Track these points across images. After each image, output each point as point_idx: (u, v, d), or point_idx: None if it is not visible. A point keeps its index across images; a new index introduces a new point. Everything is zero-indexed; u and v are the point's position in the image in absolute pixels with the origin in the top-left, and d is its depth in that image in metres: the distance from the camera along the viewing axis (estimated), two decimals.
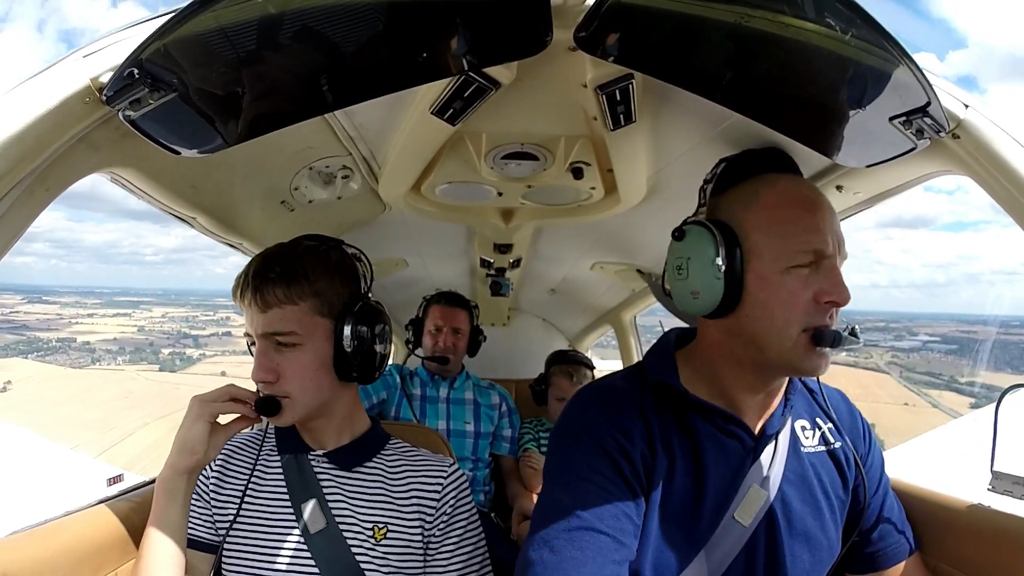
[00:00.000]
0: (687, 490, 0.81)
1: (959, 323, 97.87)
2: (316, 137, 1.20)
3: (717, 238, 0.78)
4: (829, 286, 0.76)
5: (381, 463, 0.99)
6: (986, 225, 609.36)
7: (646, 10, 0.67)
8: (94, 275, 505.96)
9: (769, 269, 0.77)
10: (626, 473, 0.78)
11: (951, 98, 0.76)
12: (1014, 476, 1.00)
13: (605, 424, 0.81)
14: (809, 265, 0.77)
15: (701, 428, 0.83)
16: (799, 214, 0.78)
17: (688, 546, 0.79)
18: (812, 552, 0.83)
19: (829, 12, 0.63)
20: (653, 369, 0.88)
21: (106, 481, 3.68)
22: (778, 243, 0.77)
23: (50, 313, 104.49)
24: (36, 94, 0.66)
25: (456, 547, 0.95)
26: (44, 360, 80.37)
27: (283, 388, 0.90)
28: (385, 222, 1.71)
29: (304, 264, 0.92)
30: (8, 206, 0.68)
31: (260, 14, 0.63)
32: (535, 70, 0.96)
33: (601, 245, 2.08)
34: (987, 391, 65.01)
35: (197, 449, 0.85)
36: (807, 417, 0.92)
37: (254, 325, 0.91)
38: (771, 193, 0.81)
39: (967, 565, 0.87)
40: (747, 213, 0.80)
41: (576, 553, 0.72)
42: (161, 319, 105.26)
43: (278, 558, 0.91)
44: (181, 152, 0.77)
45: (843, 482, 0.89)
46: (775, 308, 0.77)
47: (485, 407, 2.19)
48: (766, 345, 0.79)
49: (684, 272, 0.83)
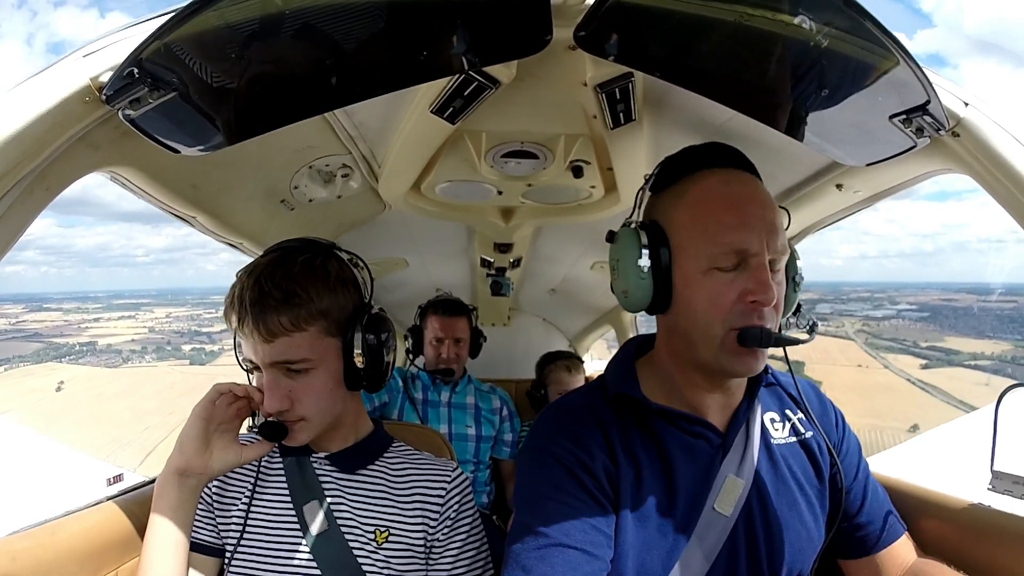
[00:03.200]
0: (658, 494, 0.81)
1: (943, 291, 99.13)
2: (316, 136, 1.20)
3: (641, 240, 0.79)
4: (754, 285, 0.75)
5: (384, 466, 0.99)
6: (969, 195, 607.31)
7: (646, 9, 0.67)
8: (85, 279, 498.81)
9: (693, 269, 0.77)
10: (589, 486, 0.78)
11: (951, 96, 0.76)
12: (1014, 476, 1.00)
13: (563, 440, 0.81)
14: (735, 266, 0.76)
15: (666, 433, 0.84)
16: (721, 212, 0.77)
17: (671, 546, 0.80)
18: (791, 542, 0.84)
19: (828, 11, 0.63)
20: (612, 381, 0.88)
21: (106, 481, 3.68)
22: (700, 243, 0.77)
23: (56, 320, 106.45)
24: (36, 94, 0.66)
25: (460, 550, 0.95)
26: (78, 363, 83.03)
27: (297, 413, 0.87)
28: (385, 221, 1.71)
29: (305, 285, 0.87)
30: (8, 206, 0.68)
31: (260, 13, 0.63)
32: (535, 69, 0.96)
33: (601, 244, 2.07)
34: (943, 354, 66.73)
35: (186, 448, 0.83)
36: (776, 409, 0.92)
37: (259, 355, 0.86)
38: (696, 190, 0.79)
39: (967, 565, 0.87)
40: (675, 212, 0.80)
41: (547, 570, 0.73)
42: (166, 319, 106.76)
43: (280, 561, 0.90)
44: (181, 151, 0.77)
45: (816, 471, 0.89)
46: (699, 308, 0.77)
47: (486, 411, 2.19)
48: (695, 345, 0.80)
49: (616, 272, 0.84)
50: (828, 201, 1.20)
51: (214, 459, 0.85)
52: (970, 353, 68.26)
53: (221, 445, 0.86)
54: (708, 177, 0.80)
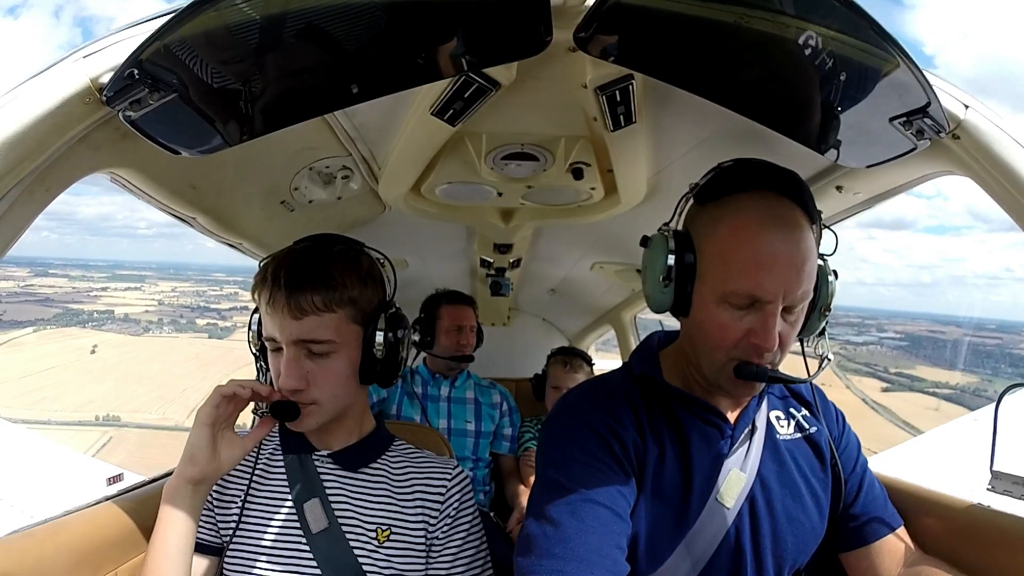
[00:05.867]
0: (676, 476, 0.84)
1: (933, 323, 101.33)
2: (316, 137, 1.20)
3: (668, 250, 0.82)
4: (759, 329, 0.78)
5: (385, 465, 0.99)
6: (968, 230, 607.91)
7: (646, 11, 0.67)
8: (84, 247, 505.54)
9: (709, 296, 0.80)
10: (617, 453, 0.81)
11: (951, 99, 0.76)
12: (1014, 476, 1.00)
13: (596, 410, 0.85)
14: (747, 307, 0.78)
15: (684, 417, 0.88)
16: (747, 257, 0.77)
17: (675, 530, 0.83)
18: (795, 533, 0.87)
19: (828, 12, 0.63)
20: (637, 364, 0.94)
21: (106, 481, 3.68)
22: (720, 277, 0.79)
23: (65, 287, 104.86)
24: (36, 94, 0.66)
25: (459, 549, 0.95)
26: (101, 330, 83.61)
27: (311, 395, 0.88)
28: (385, 222, 1.71)
29: (340, 271, 0.90)
30: (8, 206, 0.68)
31: (260, 14, 0.63)
32: (535, 71, 0.96)
33: (601, 245, 2.08)
34: (908, 380, 67.84)
35: (199, 458, 0.83)
36: (781, 407, 0.96)
37: (285, 331, 0.87)
38: (730, 223, 0.79)
39: (967, 565, 0.87)
40: (706, 236, 0.81)
41: (578, 524, 0.74)
42: (173, 293, 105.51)
43: (280, 559, 0.90)
44: (181, 152, 0.77)
45: (821, 464, 0.93)
46: (707, 331, 0.81)
47: (486, 406, 2.20)
48: (700, 360, 0.85)
49: (644, 275, 0.90)
50: (828, 203, 1.20)
51: (223, 460, 0.86)
52: (934, 381, 69.31)
53: (226, 443, 0.86)
54: (747, 207, 0.78)
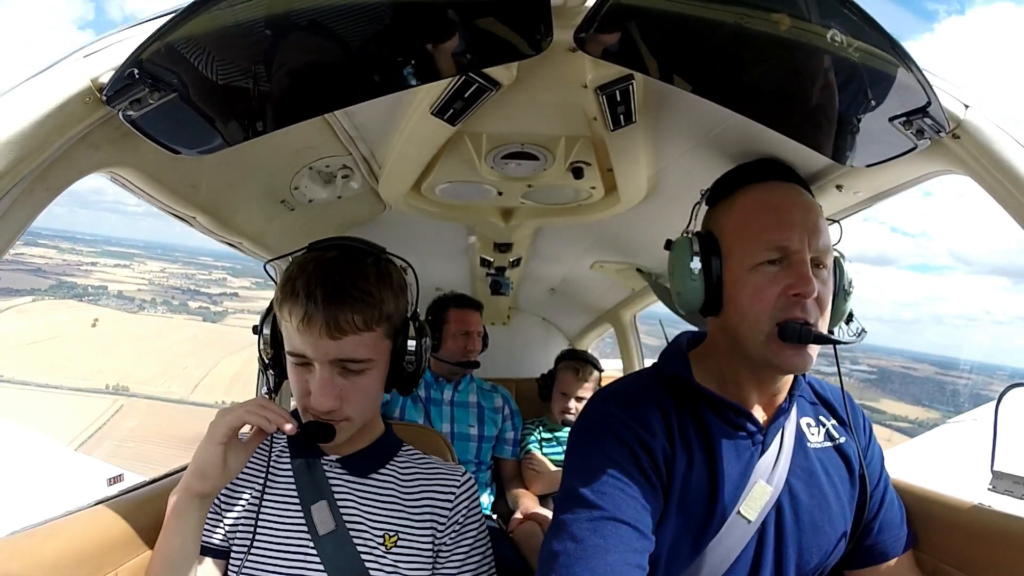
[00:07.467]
0: (703, 486, 0.83)
1: (909, 359, 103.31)
2: (316, 137, 1.20)
3: (693, 246, 0.86)
4: (795, 279, 0.79)
5: (394, 470, 0.98)
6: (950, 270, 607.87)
7: (646, 11, 0.67)
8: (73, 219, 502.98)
9: (739, 268, 0.83)
10: (645, 465, 0.81)
11: (951, 98, 0.76)
12: (1014, 476, 1.00)
13: (625, 418, 0.84)
14: (777, 262, 0.81)
15: (713, 423, 0.86)
16: (764, 215, 0.84)
17: (697, 539, 0.82)
18: (820, 545, 0.85)
19: (828, 13, 0.63)
20: (668, 365, 0.93)
21: (106, 481, 3.68)
22: (746, 244, 0.83)
23: (55, 258, 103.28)
24: (37, 94, 0.66)
25: (467, 556, 0.94)
26: (98, 304, 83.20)
27: (344, 412, 0.87)
28: (385, 221, 1.71)
29: (378, 287, 0.87)
30: (8, 206, 0.68)
31: (260, 14, 0.63)
32: (535, 71, 0.96)
33: (601, 244, 2.08)
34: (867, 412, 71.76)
35: (210, 474, 0.82)
36: (811, 415, 0.95)
37: (319, 350, 0.84)
38: (744, 199, 0.87)
39: (967, 565, 0.87)
40: (724, 220, 0.88)
41: (600, 541, 0.74)
42: (161, 273, 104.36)
43: (286, 562, 0.90)
44: (181, 152, 0.77)
45: (850, 476, 0.91)
46: (745, 304, 0.82)
47: (489, 410, 2.19)
48: (743, 341, 0.84)
49: (672, 276, 0.91)
50: (828, 202, 1.20)
51: (231, 471, 0.85)
52: (893, 415, 70.93)
53: (233, 454, 0.85)
54: (755, 189, 0.87)
